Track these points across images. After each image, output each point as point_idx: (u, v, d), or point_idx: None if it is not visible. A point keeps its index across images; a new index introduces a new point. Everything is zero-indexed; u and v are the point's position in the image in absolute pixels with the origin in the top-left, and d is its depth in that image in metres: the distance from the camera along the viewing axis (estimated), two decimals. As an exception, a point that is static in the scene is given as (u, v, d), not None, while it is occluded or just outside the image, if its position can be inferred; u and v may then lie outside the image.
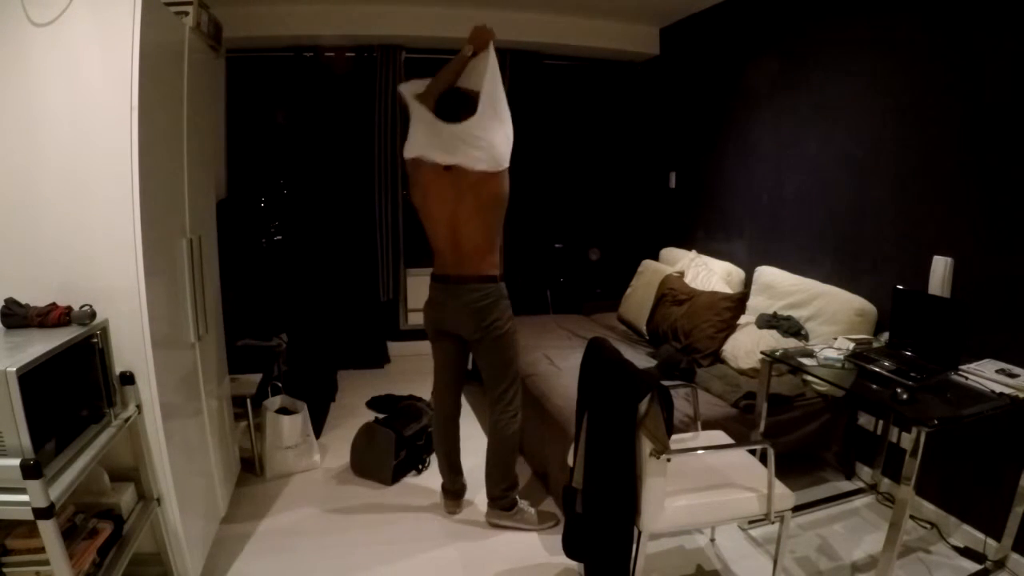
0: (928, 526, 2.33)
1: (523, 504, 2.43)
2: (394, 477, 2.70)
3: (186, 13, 2.00)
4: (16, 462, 1.25)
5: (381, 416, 2.97)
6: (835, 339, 2.35)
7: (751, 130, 3.42)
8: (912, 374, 2.00)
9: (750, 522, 2.31)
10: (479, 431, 3.12)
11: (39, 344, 1.38)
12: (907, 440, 2.06)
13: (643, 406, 1.65)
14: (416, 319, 4.47)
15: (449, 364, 2.40)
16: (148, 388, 1.70)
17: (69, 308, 1.56)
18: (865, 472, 2.68)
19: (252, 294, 3.58)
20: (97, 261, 1.62)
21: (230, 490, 2.42)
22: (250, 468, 2.74)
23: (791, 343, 2.64)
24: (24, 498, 1.27)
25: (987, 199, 2.16)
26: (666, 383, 1.74)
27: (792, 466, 2.23)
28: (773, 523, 1.83)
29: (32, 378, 1.28)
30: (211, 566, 2.07)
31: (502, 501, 2.39)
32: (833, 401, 2.57)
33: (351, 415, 3.36)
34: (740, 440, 2.30)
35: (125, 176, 1.58)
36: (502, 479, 2.39)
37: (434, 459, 2.79)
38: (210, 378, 2.18)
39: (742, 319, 3.00)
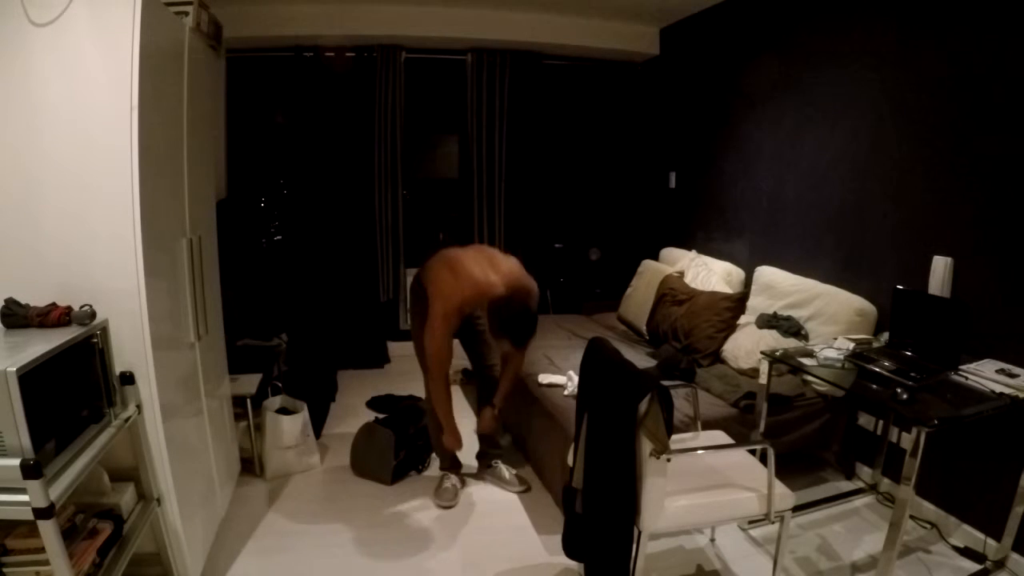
0: (928, 526, 2.33)
1: (503, 466, 2.69)
2: (394, 477, 2.70)
3: (186, 13, 2.00)
4: (16, 462, 1.25)
5: (381, 416, 2.97)
6: (835, 339, 2.35)
7: (751, 130, 3.41)
8: (912, 374, 2.00)
9: (750, 522, 2.31)
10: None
11: (39, 344, 1.38)
12: (907, 440, 2.06)
13: (643, 406, 1.65)
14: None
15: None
16: (148, 388, 1.70)
17: (69, 308, 1.56)
18: (865, 472, 2.68)
19: (252, 294, 3.58)
20: (97, 261, 1.62)
21: (230, 490, 2.42)
22: (250, 468, 2.74)
23: (791, 343, 2.64)
24: (24, 498, 1.27)
25: (987, 199, 2.16)
26: (666, 383, 1.73)
27: (792, 466, 2.22)
28: (773, 523, 1.84)
29: (32, 378, 1.28)
30: (211, 566, 2.07)
31: (485, 458, 2.71)
32: (833, 401, 2.57)
33: (351, 415, 3.36)
34: (740, 440, 2.30)
35: (125, 176, 1.58)
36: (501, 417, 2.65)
37: (434, 459, 2.80)
38: (210, 378, 2.18)
39: (742, 319, 3.00)
